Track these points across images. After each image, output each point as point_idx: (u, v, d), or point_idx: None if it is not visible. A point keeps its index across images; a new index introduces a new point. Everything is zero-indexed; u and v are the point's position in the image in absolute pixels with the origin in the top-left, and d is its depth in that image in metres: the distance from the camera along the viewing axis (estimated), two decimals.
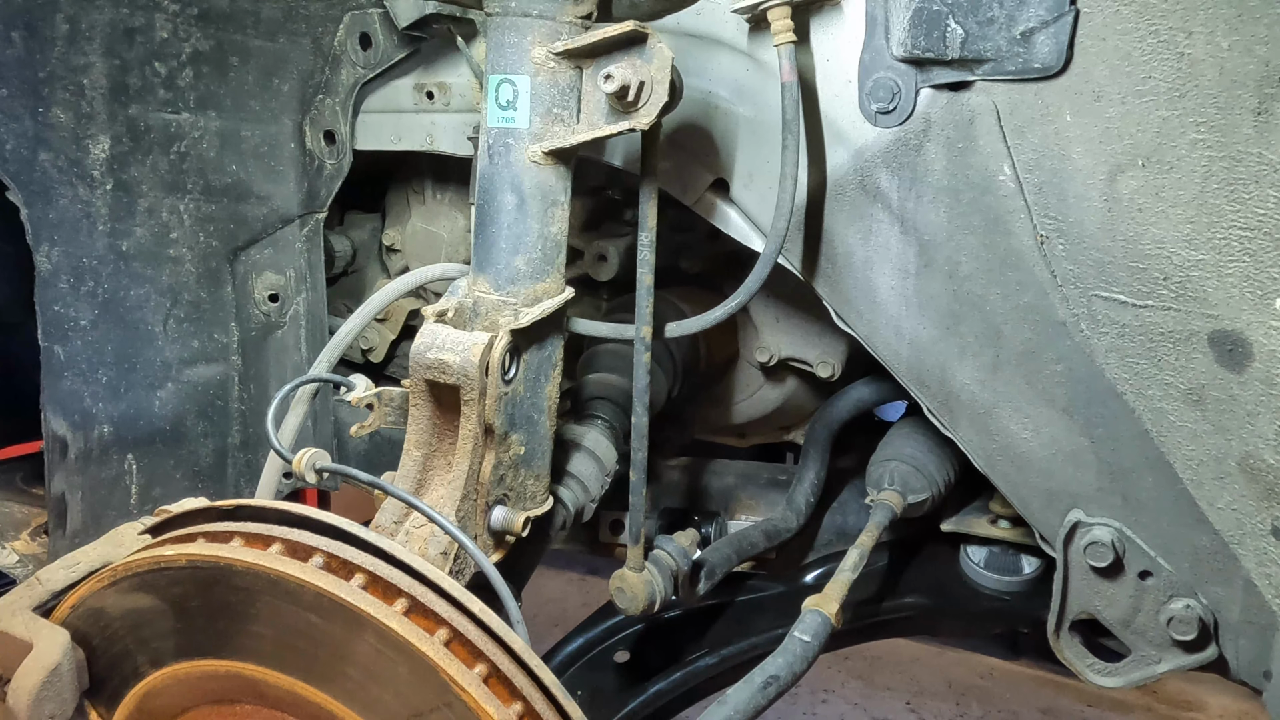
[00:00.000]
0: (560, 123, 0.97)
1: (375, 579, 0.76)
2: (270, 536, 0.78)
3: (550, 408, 1.05)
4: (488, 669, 0.75)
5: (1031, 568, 1.47)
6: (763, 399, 1.68)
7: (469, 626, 0.76)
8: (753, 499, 1.65)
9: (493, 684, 0.75)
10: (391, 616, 0.73)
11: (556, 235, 1.00)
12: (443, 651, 0.74)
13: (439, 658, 0.73)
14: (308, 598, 0.74)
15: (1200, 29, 0.89)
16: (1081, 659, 1.18)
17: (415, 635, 0.73)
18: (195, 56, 1.40)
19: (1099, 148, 0.96)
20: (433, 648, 0.73)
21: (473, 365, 0.91)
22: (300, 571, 0.74)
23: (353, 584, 0.75)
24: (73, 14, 1.30)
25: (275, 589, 0.75)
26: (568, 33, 0.95)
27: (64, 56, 1.31)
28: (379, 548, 0.78)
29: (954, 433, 1.15)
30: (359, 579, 0.75)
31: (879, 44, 1.04)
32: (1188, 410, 0.99)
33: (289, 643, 0.77)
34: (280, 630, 0.76)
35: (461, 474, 0.94)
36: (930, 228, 1.07)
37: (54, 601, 0.83)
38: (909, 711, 2.99)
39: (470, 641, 0.75)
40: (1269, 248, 0.91)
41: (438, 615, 0.75)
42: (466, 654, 0.75)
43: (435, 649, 0.73)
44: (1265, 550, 1.00)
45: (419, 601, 0.75)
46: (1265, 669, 1.06)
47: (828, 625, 1.09)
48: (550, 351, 1.03)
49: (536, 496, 1.06)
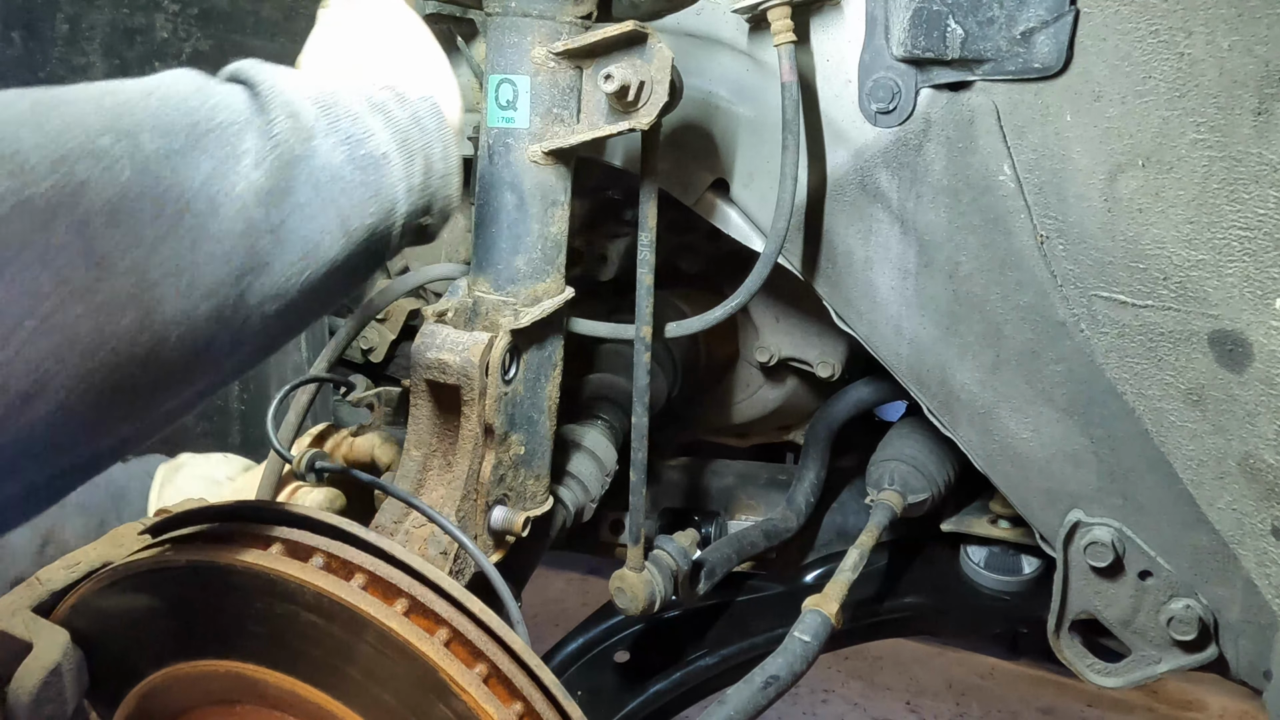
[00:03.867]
0: (560, 123, 0.97)
1: (375, 579, 0.76)
2: (271, 536, 0.78)
3: (550, 408, 1.05)
4: (488, 669, 0.75)
5: (1031, 568, 1.47)
6: (763, 399, 1.68)
7: (469, 626, 0.76)
8: (753, 499, 1.65)
9: (493, 684, 0.75)
10: (392, 617, 0.73)
11: (557, 235, 1.01)
12: (443, 651, 0.74)
13: (439, 658, 0.73)
14: (308, 598, 0.74)
15: (1200, 29, 0.89)
16: (1081, 659, 1.18)
17: (415, 635, 0.73)
18: (195, 56, 1.40)
19: (1099, 148, 0.96)
20: (433, 648, 0.73)
21: (473, 365, 0.91)
22: (300, 572, 0.74)
23: (353, 584, 0.75)
24: (73, 14, 1.30)
25: (275, 589, 0.75)
26: (568, 33, 0.95)
27: (64, 56, 1.31)
28: (379, 548, 0.78)
29: (954, 433, 1.15)
30: (359, 579, 0.75)
31: (879, 44, 1.04)
32: (1188, 410, 0.99)
33: (289, 643, 0.77)
34: (280, 630, 0.77)
35: (461, 474, 0.95)
36: (930, 228, 1.07)
37: (54, 601, 0.83)
38: (909, 711, 2.99)
39: (470, 641, 0.75)
40: (1269, 248, 0.91)
41: (438, 615, 0.75)
42: (467, 654, 0.75)
43: (435, 649, 0.73)
44: (1265, 550, 1.00)
45: (419, 601, 0.75)
46: (1265, 669, 1.06)
47: (828, 625, 1.09)
48: (550, 351, 1.03)
49: (537, 496, 1.06)
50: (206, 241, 0.57)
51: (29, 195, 0.48)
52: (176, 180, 0.56)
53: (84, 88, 0.57)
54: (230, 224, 0.58)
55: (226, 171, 0.59)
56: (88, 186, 0.51)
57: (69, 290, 0.49)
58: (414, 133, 0.74)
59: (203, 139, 0.59)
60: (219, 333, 0.59)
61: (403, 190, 0.72)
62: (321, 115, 0.67)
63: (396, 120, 0.72)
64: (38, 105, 0.53)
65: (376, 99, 0.73)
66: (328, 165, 0.65)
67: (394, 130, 0.71)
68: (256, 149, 0.61)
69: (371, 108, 0.72)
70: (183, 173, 0.56)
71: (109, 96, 0.57)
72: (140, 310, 0.53)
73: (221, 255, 0.57)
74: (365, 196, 0.68)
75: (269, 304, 0.62)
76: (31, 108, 0.52)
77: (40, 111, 0.52)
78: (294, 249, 0.62)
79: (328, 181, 0.65)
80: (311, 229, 0.64)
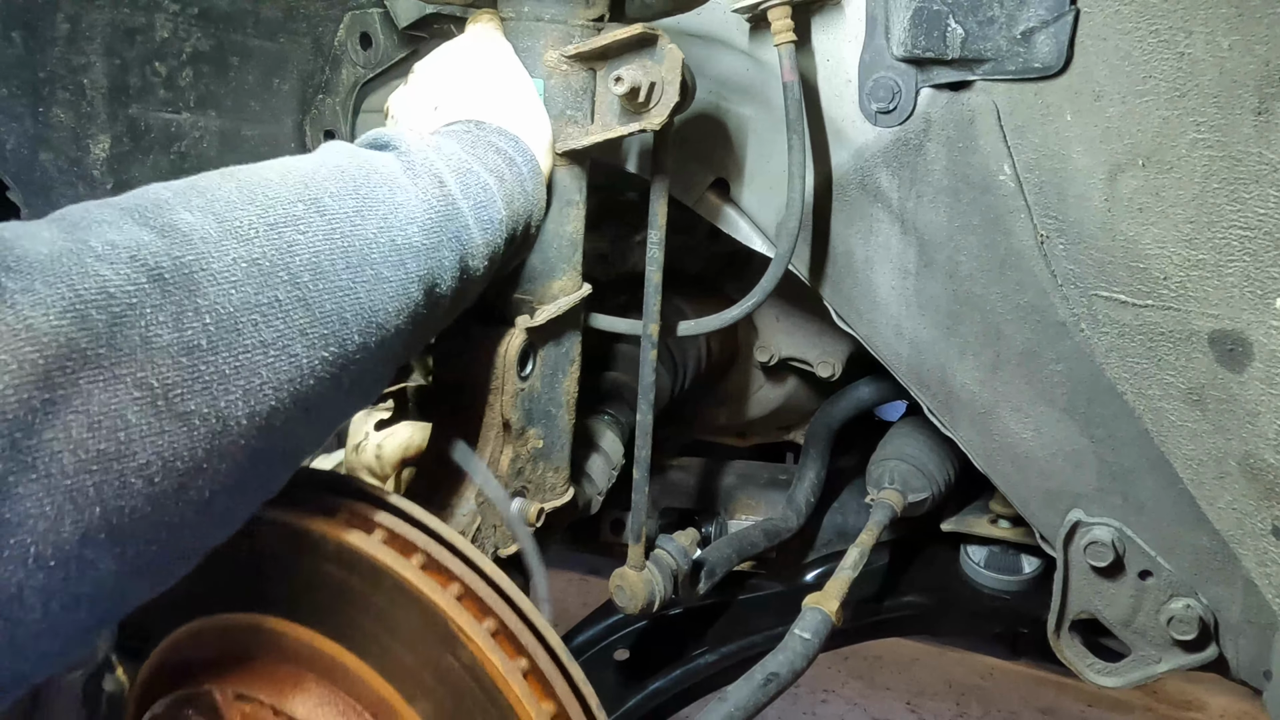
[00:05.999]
0: (574, 124, 0.98)
1: (394, 536, 0.79)
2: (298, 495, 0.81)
3: (569, 402, 1.06)
4: (496, 624, 0.78)
5: (1031, 568, 1.47)
6: (763, 399, 1.68)
7: (480, 585, 0.79)
8: (753, 499, 1.65)
9: (500, 639, 0.78)
10: (408, 569, 0.77)
11: (572, 234, 1.02)
12: (454, 604, 0.77)
13: (450, 609, 0.76)
14: (330, 549, 0.77)
15: (1200, 29, 0.89)
16: (1081, 659, 1.18)
17: (429, 587, 0.76)
18: (195, 56, 1.40)
19: (1099, 147, 0.96)
20: (445, 599, 0.76)
21: (495, 359, 0.94)
22: (325, 525, 0.77)
23: (374, 538, 0.78)
24: (73, 14, 1.30)
25: (300, 542, 0.78)
26: (580, 36, 0.97)
27: (64, 56, 1.31)
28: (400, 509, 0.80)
29: (954, 432, 1.15)
30: (379, 534, 0.79)
31: (879, 44, 1.04)
32: (1188, 410, 0.99)
33: (309, 595, 0.80)
34: (301, 582, 0.79)
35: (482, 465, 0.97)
36: (930, 227, 1.07)
37: None
38: (909, 711, 2.99)
39: (481, 598, 0.78)
40: (1269, 248, 0.91)
41: (451, 572, 0.79)
42: (477, 609, 0.78)
43: (448, 601, 0.77)
44: (1265, 550, 1.00)
45: (434, 559, 0.79)
46: (1265, 669, 1.06)
47: (828, 623, 1.09)
48: (568, 348, 1.05)
49: (556, 488, 1.08)
50: (381, 286, 0.71)
51: (254, 257, 0.62)
52: (356, 236, 0.70)
53: (268, 166, 0.72)
54: (394, 272, 0.73)
55: (391, 229, 0.73)
56: (294, 247, 0.65)
57: (295, 329, 0.63)
58: (518, 196, 0.90)
59: (368, 200, 0.73)
60: (382, 359, 0.73)
61: (503, 242, 0.88)
62: (457, 182, 0.82)
63: (508, 185, 0.88)
64: (243, 183, 0.67)
65: (493, 164, 0.88)
66: (466, 227, 0.82)
67: (505, 194, 0.87)
68: (412, 209, 0.76)
69: (490, 173, 0.87)
70: (359, 229, 0.71)
71: (291, 170, 0.72)
72: (338, 343, 0.67)
73: (389, 298, 0.72)
74: (484, 254, 0.85)
75: (412, 338, 0.77)
76: (238, 186, 0.67)
77: (247, 187, 0.67)
78: (431, 295, 0.78)
79: (465, 240, 0.82)
80: (445, 278, 0.80)
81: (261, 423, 0.61)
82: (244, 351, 0.59)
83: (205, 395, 0.57)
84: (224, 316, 0.58)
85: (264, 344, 0.61)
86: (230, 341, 0.58)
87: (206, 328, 0.57)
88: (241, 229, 0.63)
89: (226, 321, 0.59)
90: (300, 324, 0.63)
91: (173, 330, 0.56)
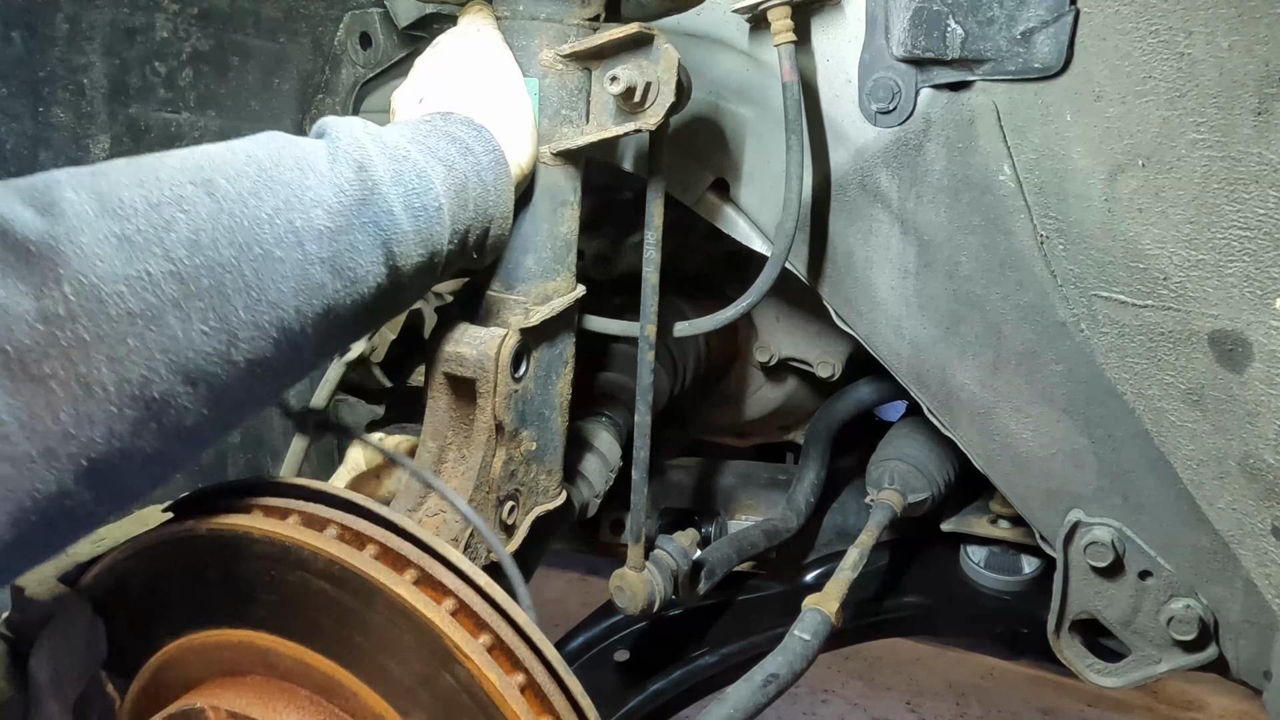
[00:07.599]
0: (569, 124, 0.98)
1: (387, 550, 0.78)
2: (288, 509, 0.80)
3: (562, 404, 1.06)
4: (492, 639, 0.77)
5: (1031, 568, 1.47)
6: (763, 399, 1.68)
7: (475, 599, 0.77)
8: (753, 499, 1.65)
9: (496, 654, 0.77)
10: (401, 585, 0.75)
11: (566, 235, 1.02)
12: (449, 620, 0.75)
13: (445, 625, 0.75)
14: (320, 565, 0.76)
15: (1200, 29, 0.89)
16: (1081, 659, 1.18)
17: (423, 603, 0.75)
18: (195, 56, 1.40)
19: (1099, 148, 0.96)
20: (439, 615, 0.75)
21: (489, 359, 0.93)
22: (315, 540, 0.76)
23: (365, 553, 0.77)
24: (73, 14, 1.30)
25: (289, 557, 0.77)
26: (575, 35, 0.96)
27: (64, 56, 1.31)
28: (392, 522, 0.79)
29: (954, 433, 1.15)
30: (371, 549, 0.78)
31: (879, 44, 1.04)
32: (1188, 410, 0.99)
33: (300, 611, 0.79)
34: (292, 598, 0.78)
35: (475, 466, 0.96)
36: (930, 228, 1.07)
37: (79, 572, 0.85)
38: (909, 711, 2.99)
39: (476, 613, 0.77)
40: (1269, 248, 0.91)
41: (445, 586, 0.77)
42: (472, 624, 0.77)
43: (442, 617, 0.75)
44: (1265, 550, 1.00)
45: (428, 573, 0.77)
46: (1265, 669, 1.06)
47: (828, 623, 1.09)
48: (561, 349, 1.04)
49: (549, 491, 1.07)
50: (271, 265, 0.70)
51: (128, 233, 0.64)
52: (246, 216, 0.70)
53: (182, 152, 0.72)
54: (289, 252, 0.72)
55: (290, 210, 0.73)
56: (173, 224, 0.66)
57: (166, 301, 0.64)
58: (473, 185, 0.87)
59: (269, 183, 0.72)
60: (280, 339, 0.72)
61: (447, 236, 0.85)
62: (389, 169, 0.80)
63: (457, 174, 0.86)
64: (140, 165, 0.69)
65: (442, 153, 0.86)
66: (389, 213, 0.79)
67: (453, 183, 0.85)
68: (320, 191, 0.75)
69: (437, 161, 0.85)
70: (251, 209, 0.70)
71: (196, 155, 0.72)
72: (218, 317, 0.67)
73: (281, 277, 0.71)
74: (415, 240, 0.82)
75: (321, 320, 0.75)
76: (134, 170, 0.68)
77: (141, 169, 0.68)
78: (343, 278, 0.76)
79: (386, 226, 0.79)
80: (360, 262, 0.77)
81: (135, 391, 0.63)
82: (108, 320, 0.61)
83: (62, 360, 0.60)
84: (86, 286, 0.61)
85: (130, 314, 0.62)
86: (92, 310, 0.61)
87: (65, 297, 0.60)
88: (121, 207, 0.65)
89: (88, 291, 0.61)
90: (173, 296, 0.65)
91: (33, 300, 0.59)
